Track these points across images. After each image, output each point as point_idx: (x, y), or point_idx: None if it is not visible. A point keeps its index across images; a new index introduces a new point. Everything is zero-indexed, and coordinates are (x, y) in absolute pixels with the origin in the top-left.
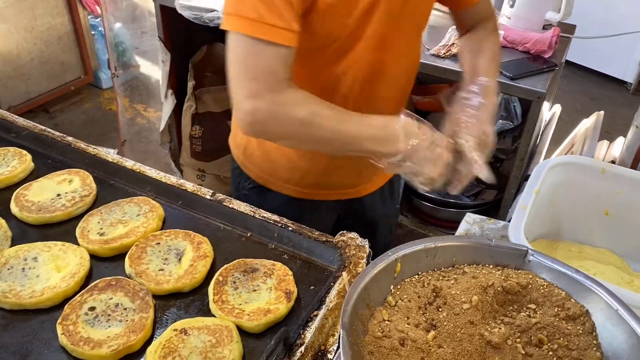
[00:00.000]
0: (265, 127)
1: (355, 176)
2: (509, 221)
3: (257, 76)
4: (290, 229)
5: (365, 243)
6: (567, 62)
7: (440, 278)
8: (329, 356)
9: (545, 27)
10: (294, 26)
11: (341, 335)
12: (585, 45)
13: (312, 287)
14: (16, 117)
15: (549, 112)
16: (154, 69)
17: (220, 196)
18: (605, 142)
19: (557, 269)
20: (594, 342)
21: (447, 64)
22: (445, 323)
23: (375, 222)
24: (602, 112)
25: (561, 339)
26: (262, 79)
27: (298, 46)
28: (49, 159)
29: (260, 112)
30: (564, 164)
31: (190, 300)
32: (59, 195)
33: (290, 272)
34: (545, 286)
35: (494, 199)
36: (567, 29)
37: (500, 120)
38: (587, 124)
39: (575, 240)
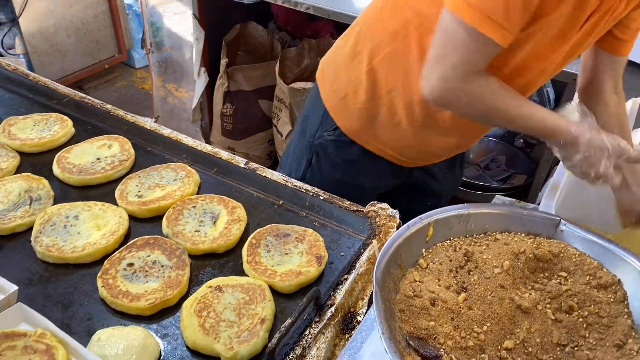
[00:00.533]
0: (447, 106)
1: (442, 156)
2: (539, 204)
3: (458, 65)
4: (321, 197)
5: (396, 213)
6: None
7: (472, 244)
8: (358, 318)
9: None
10: (516, 28)
11: (374, 290)
12: None
13: (341, 254)
14: (58, 84)
15: None
16: (186, 50)
17: (253, 165)
18: None
19: (590, 239)
20: (625, 310)
21: None
22: (476, 286)
23: (438, 193)
24: (638, 99)
25: (592, 306)
26: (461, 68)
27: None
28: (88, 125)
29: (447, 93)
30: None
31: (224, 261)
32: (98, 158)
33: (321, 238)
34: (577, 255)
35: (524, 183)
36: None
37: None
38: None
39: (607, 225)
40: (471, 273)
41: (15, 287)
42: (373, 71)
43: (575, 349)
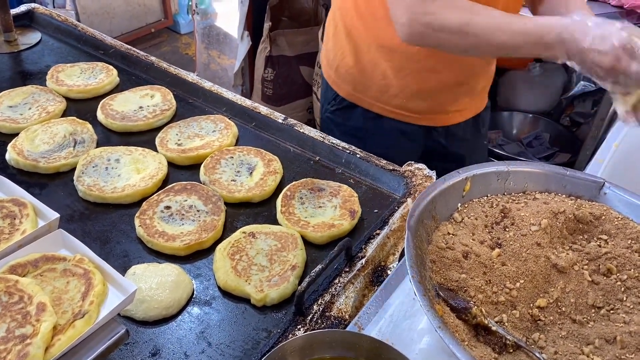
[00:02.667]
0: (422, 38)
1: (449, 102)
2: None
3: None
4: (358, 155)
5: (433, 174)
6: None
7: (510, 201)
8: (388, 272)
9: None
10: None
11: (406, 235)
12: None
13: (375, 211)
14: (104, 35)
15: None
16: (231, 17)
17: (291, 121)
18: None
19: (635, 202)
20: None
21: None
22: (511, 242)
23: (462, 157)
24: None
25: (632, 270)
26: None
27: None
28: (133, 76)
29: (415, 23)
30: None
31: (258, 210)
32: (141, 107)
33: (355, 194)
34: (619, 219)
35: (567, 161)
36: None
37: (582, 82)
38: None
39: None
40: (507, 229)
41: (56, 215)
42: (350, 34)
43: (611, 312)
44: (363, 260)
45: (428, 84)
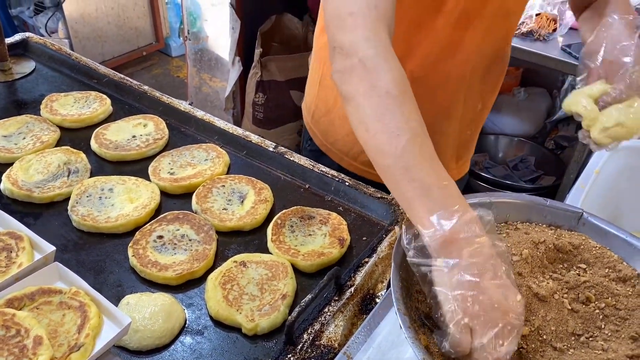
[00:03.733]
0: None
1: None
2: None
3: (355, 11)
4: (347, 184)
5: None
6: None
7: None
8: (377, 300)
9: None
10: None
11: (392, 269)
12: None
13: (364, 238)
14: (98, 65)
15: None
16: (222, 41)
17: (282, 149)
18: None
19: (612, 232)
20: None
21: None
22: None
23: None
24: None
25: (609, 298)
26: (361, 15)
27: None
28: (126, 105)
29: (342, 62)
30: (630, 148)
31: (249, 238)
32: (134, 136)
33: (344, 222)
34: (597, 248)
35: (552, 184)
36: None
37: None
38: None
39: (635, 230)
40: None
41: (52, 248)
42: (322, 83)
43: (590, 339)
44: (352, 289)
45: None
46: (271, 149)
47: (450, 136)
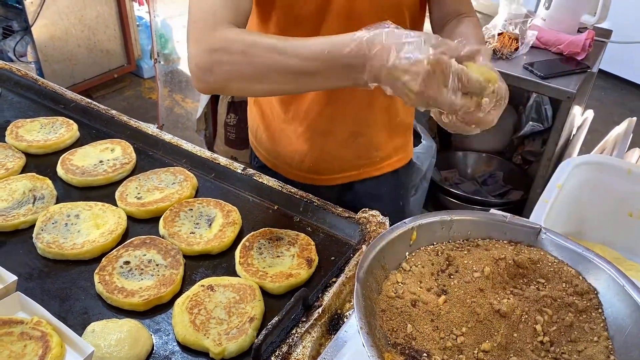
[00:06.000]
0: (209, 76)
1: (353, 159)
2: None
3: (198, 19)
4: (315, 204)
5: (386, 220)
6: (608, 74)
7: (454, 249)
8: (345, 319)
9: (580, 31)
10: None
11: (355, 288)
12: (627, 56)
13: (332, 258)
14: (65, 90)
15: (581, 117)
16: None
17: (250, 171)
18: (636, 150)
19: (568, 247)
20: (600, 317)
21: None
22: (456, 289)
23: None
24: (634, 119)
25: (568, 312)
26: (202, 22)
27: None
28: (93, 130)
29: (201, 58)
30: (591, 162)
31: (217, 262)
32: (101, 161)
33: (312, 243)
34: (555, 263)
35: (520, 199)
36: (603, 33)
37: (531, 123)
38: (619, 130)
39: (598, 241)
40: (452, 277)
41: (14, 277)
42: (256, 102)
43: (551, 353)
44: (320, 309)
45: (324, 144)
46: (239, 171)
47: (378, 124)
